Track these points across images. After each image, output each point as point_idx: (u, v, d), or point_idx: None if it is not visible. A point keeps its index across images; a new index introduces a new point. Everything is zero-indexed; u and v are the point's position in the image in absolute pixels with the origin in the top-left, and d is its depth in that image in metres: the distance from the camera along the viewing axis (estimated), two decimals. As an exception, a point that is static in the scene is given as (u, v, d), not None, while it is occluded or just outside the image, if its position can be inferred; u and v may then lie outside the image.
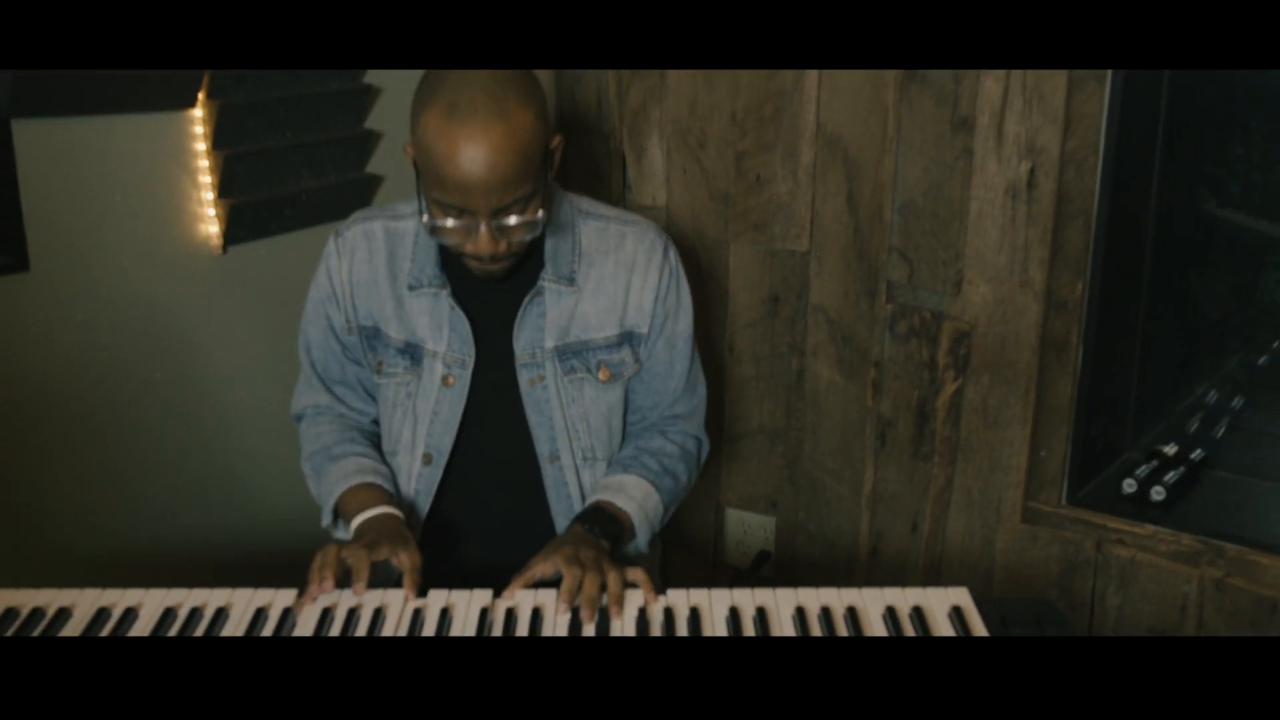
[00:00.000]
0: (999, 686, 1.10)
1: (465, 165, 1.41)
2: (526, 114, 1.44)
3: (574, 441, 1.68)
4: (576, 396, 1.67)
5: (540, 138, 1.47)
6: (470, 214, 1.45)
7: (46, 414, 1.88)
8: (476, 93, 1.42)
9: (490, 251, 1.48)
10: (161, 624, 1.34)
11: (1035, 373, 1.91)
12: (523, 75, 1.48)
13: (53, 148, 1.82)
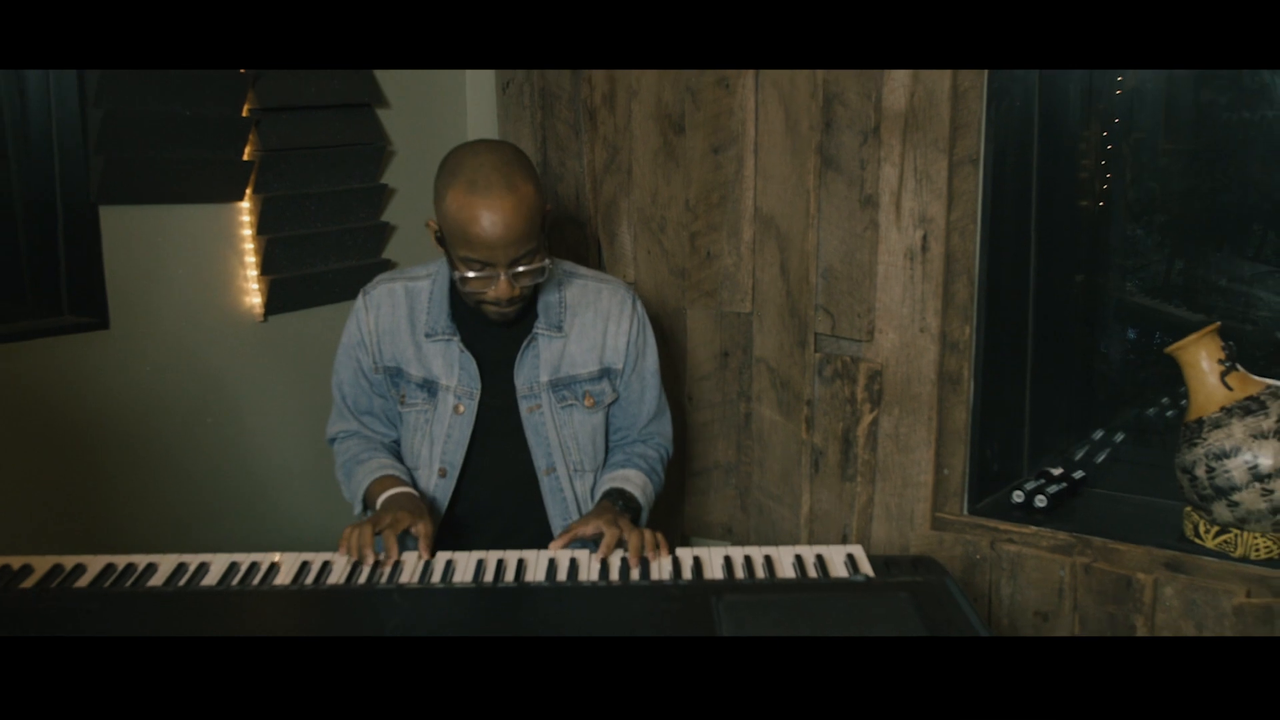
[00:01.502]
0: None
1: (487, 228, 1.78)
2: (529, 186, 1.83)
3: (566, 457, 2.04)
4: (567, 420, 2.04)
5: (540, 204, 1.85)
6: (491, 266, 1.84)
7: (117, 445, 2.24)
8: (490, 172, 1.80)
9: (509, 295, 1.86)
10: (227, 574, 1.69)
11: (935, 403, 2.27)
12: (521, 156, 1.86)
13: (130, 228, 2.23)
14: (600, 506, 1.91)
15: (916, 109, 2.18)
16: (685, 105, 2.46)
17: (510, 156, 1.85)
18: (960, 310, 2.25)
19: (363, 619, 1.56)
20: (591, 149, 2.62)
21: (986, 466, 2.36)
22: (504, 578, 1.69)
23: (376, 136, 2.63)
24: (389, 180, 2.68)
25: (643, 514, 2.00)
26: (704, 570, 1.72)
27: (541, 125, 2.70)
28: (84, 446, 2.19)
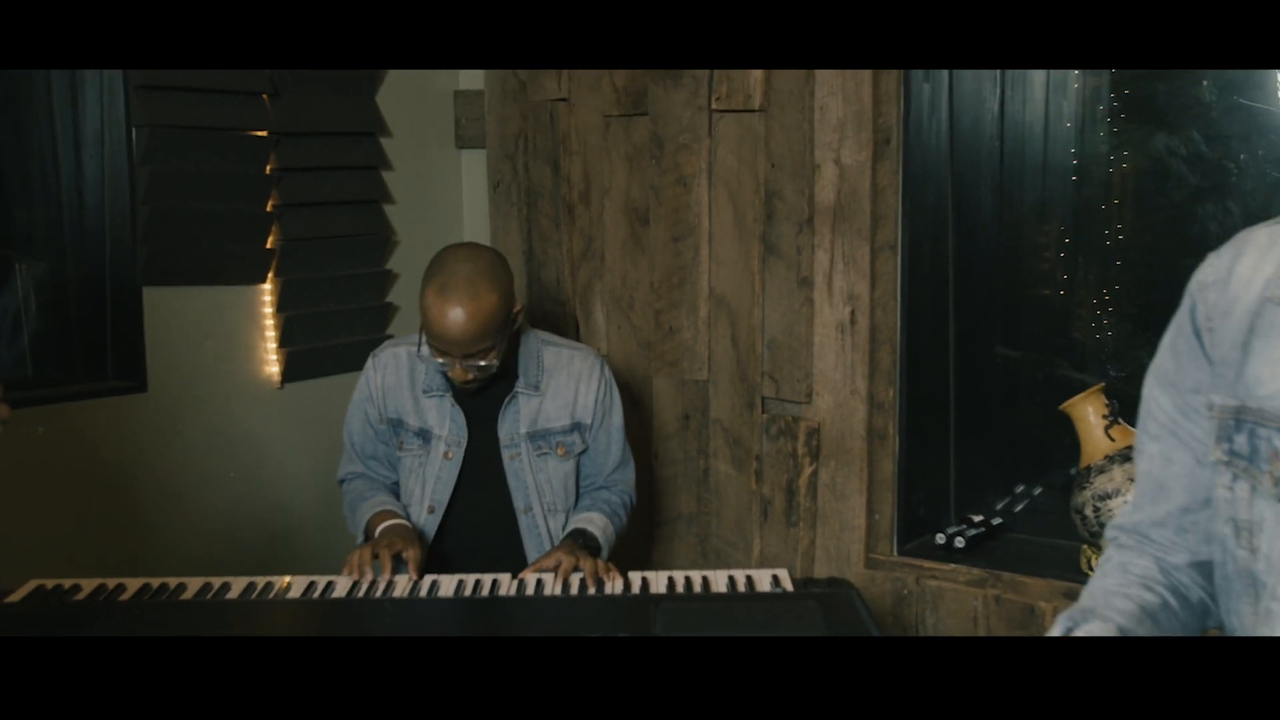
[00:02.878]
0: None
1: (448, 328, 2.07)
2: (493, 296, 2.10)
3: (542, 498, 2.32)
4: (543, 467, 2.33)
5: (502, 311, 2.12)
6: (449, 357, 2.15)
7: (153, 491, 2.53)
8: (459, 280, 2.08)
9: (463, 379, 2.16)
10: (246, 591, 1.97)
11: (866, 456, 2.55)
12: (495, 266, 2.15)
13: (168, 306, 2.54)
14: (562, 544, 2.18)
15: (843, 203, 2.50)
16: (649, 201, 2.78)
17: (483, 268, 2.12)
18: (885, 375, 2.54)
19: (359, 623, 1.83)
20: (570, 239, 2.95)
21: (914, 513, 2.63)
22: (480, 593, 1.97)
23: (382, 228, 2.97)
24: (392, 266, 3.00)
25: (603, 551, 2.26)
26: (649, 587, 1.99)
27: (527, 219, 3.03)
28: (125, 492, 2.49)
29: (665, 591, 1.97)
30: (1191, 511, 1.22)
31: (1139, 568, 1.25)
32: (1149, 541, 1.26)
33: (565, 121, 2.91)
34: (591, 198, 2.90)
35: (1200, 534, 1.22)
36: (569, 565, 2.04)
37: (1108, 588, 1.23)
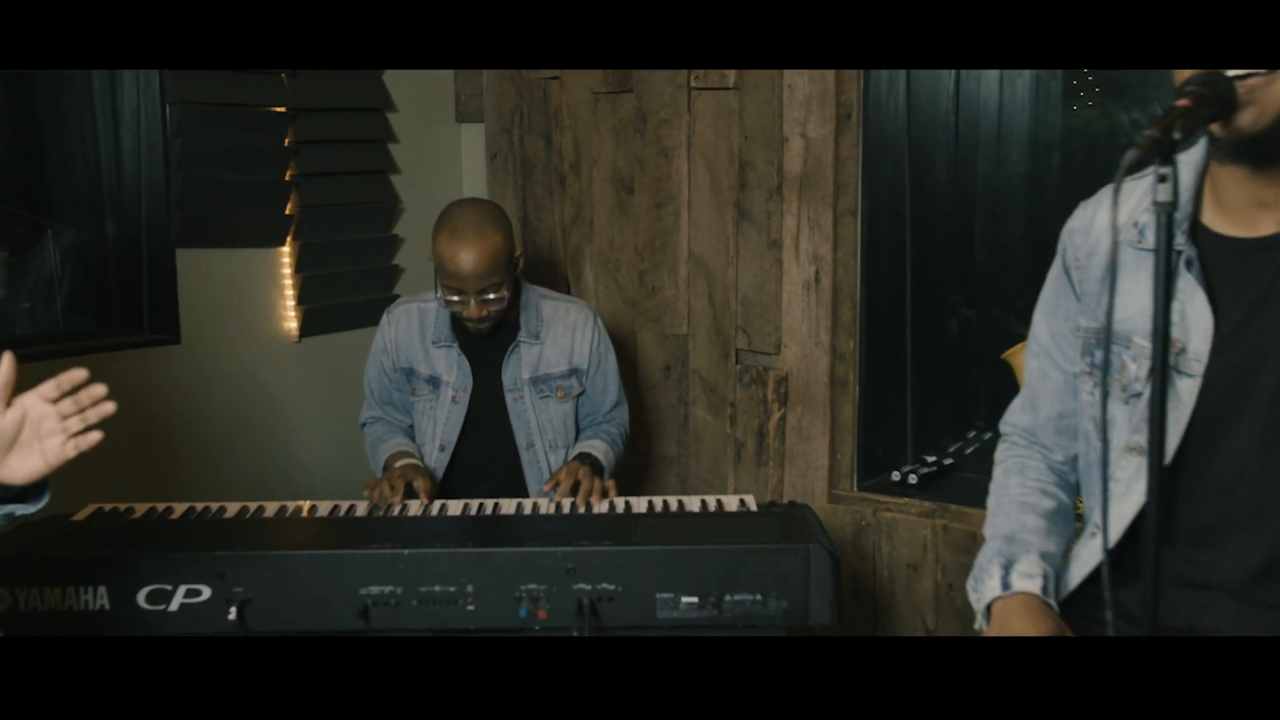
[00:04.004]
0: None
1: (461, 266, 2.37)
2: (498, 236, 2.42)
3: (543, 436, 2.61)
4: (544, 408, 2.61)
5: (506, 249, 2.44)
6: (464, 293, 2.44)
7: (185, 434, 2.82)
8: (468, 224, 2.40)
9: (477, 315, 2.44)
10: (279, 512, 2.26)
11: (829, 402, 2.84)
12: (498, 212, 2.46)
13: (199, 267, 2.81)
14: (570, 463, 2.47)
15: (808, 173, 2.78)
16: (634, 171, 3.06)
17: (487, 213, 2.45)
18: (846, 328, 2.83)
19: (379, 533, 2.12)
20: (561, 206, 3.23)
21: (872, 453, 2.92)
22: (484, 512, 2.27)
23: (389, 196, 3.24)
24: (399, 231, 3.28)
25: (605, 472, 2.55)
26: (632, 508, 2.29)
27: (522, 188, 3.30)
28: (160, 434, 2.77)
29: (646, 511, 2.27)
30: (1065, 416, 1.52)
31: (1034, 470, 1.55)
32: (1036, 442, 1.56)
33: (557, 98, 3.18)
34: (581, 168, 3.18)
35: (1071, 434, 1.52)
36: (571, 476, 2.34)
37: (1014, 498, 1.52)
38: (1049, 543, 1.48)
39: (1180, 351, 1.36)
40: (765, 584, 1.99)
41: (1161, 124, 1.09)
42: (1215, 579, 1.38)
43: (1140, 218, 1.41)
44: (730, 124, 2.88)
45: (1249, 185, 1.33)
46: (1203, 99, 1.16)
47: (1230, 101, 1.21)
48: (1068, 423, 1.53)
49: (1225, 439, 1.35)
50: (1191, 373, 1.35)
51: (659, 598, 1.99)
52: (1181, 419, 1.35)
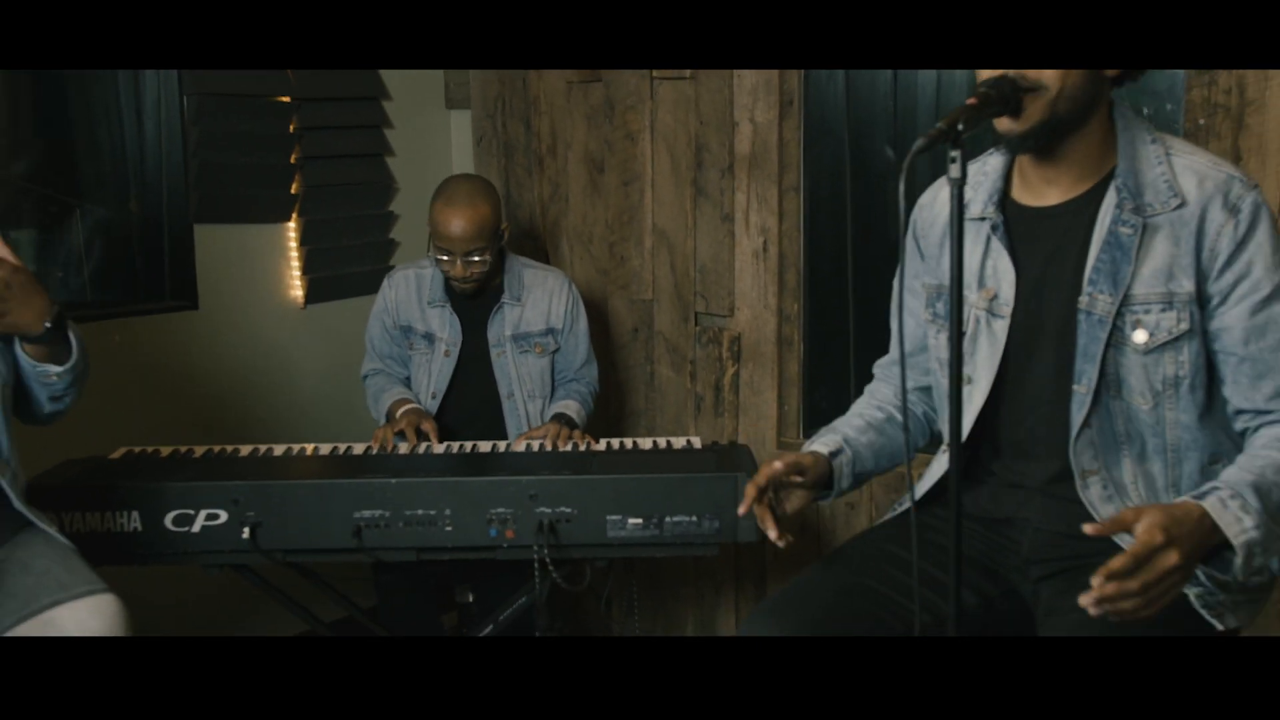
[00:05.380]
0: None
1: (451, 229, 2.72)
2: (485, 206, 2.76)
3: (523, 387, 2.95)
4: (524, 362, 2.96)
5: (493, 219, 2.78)
6: (452, 254, 2.78)
7: (201, 391, 3.17)
8: (459, 195, 2.75)
9: (463, 274, 2.78)
10: (287, 452, 2.61)
11: (776, 359, 3.17)
12: (488, 186, 2.82)
13: (215, 240, 3.16)
14: (550, 421, 2.81)
15: (756, 153, 3.11)
16: (604, 153, 3.39)
17: (479, 187, 2.81)
18: (791, 293, 3.16)
19: (370, 466, 2.47)
20: (540, 185, 3.57)
21: (816, 405, 3.25)
22: (464, 450, 2.62)
23: (385, 177, 3.58)
24: (394, 208, 3.62)
25: (579, 426, 2.89)
26: (592, 447, 2.64)
27: (505, 168, 3.64)
28: (182, 390, 3.12)
29: (604, 449, 2.62)
30: (915, 355, 1.86)
31: (881, 394, 1.89)
32: (892, 376, 1.90)
33: (535, 87, 3.52)
34: (557, 150, 3.51)
35: (921, 370, 1.86)
36: (554, 432, 2.69)
37: (854, 410, 1.87)
38: (859, 435, 1.82)
39: (993, 298, 1.69)
40: (700, 507, 2.33)
41: (949, 120, 1.42)
42: (1028, 480, 1.71)
43: (967, 194, 1.74)
44: (688, 111, 3.21)
45: (1038, 167, 1.66)
46: (989, 100, 1.49)
47: (1015, 101, 1.54)
48: (917, 359, 1.87)
49: (1030, 368, 1.69)
50: (1002, 315, 1.69)
51: (609, 519, 2.33)
52: (997, 353, 1.69)
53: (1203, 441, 1.63)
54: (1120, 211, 1.61)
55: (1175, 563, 1.36)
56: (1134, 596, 1.34)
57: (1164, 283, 1.59)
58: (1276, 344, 1.56)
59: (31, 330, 1.89)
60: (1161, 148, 1.63)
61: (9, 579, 1.79)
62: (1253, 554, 1.45)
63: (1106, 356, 1.61)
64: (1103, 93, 1.62)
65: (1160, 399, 1.62)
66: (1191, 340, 1.60)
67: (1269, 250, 1.56)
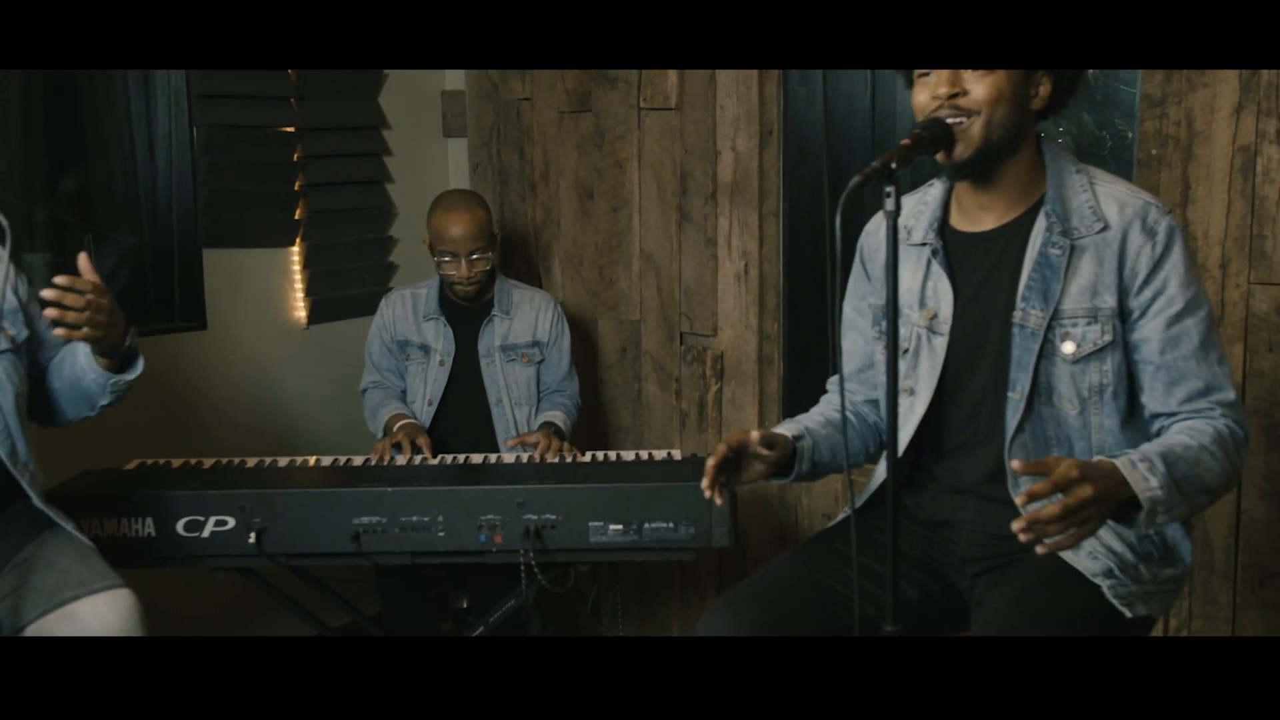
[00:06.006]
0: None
1: (453, 231, 2.92)
2: (481, 209, 2.98)
3: (510, 394, 3.12)
4: (511, 371, 3.13)
5: (488, 222, 3.00)
6: (455, 256, 2.96)
7: (210, 407, 3.34)
8: (457, 200, 2.99)
9: (466, 275, 2.97)
10: (290, 463, 2.77)
11: (757, 377, 3.33)
12: (478, 195, 3.06)
13: (222, 263, 3.33)
14: (539, 429, 2.98)
15: (738, 181, 3.28)
16: (594, 180, 3.56)
17: (471, 194, 3.08)
18: (771, 313, 3.32)
19: (369, 476, 2.63)
20: (533, 210, 3.74)
21: (795, 420, 3.42)
22: (456, 461, 2.78)
23: (385, 203, 3.75)
24: (394, 233, 3.79)
25: (566, 436, 3.06)
26: (578, 459, 2.80)
27: (500, 194, 3.82)
28: (191, 406, 3.29)
29: (589, 460, 2.78)
30: (865, 370, 2.02)
31: (835, 403, 2.05)
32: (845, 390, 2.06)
33: (528, 116, 3.69)
34: (549, 177, 3.68)
35: (870, 384, 2.02)
36: (546, 444, 2.85)
37: (814, 410, 2.03)
38: (820, 429, 1.95)
39: (933, 317, 1.86)
40: (676, 514, 2.48)
41: (884, 159, 1.58)
42: (965, 484, 1.87)
43: (909, 222, 1.91)
44: (673, 139, 3.38)
45: (974, 194, 1.83)
46: (921, 140, 1.66)
47: (948, 139, 1.71)
48: (867, 375, 2.04)
49: (968, 380, 1.85)
50: (942, 332, 1.85)
51: (591, 525, 2.49)
52: (937, 367, 1.85)
53: (1125, 444, 1.79)
54: (1050, 234, 1.77)
55: (1090, 494, 1.52)
56: (1056, 520, 1.50)
57: (1089, 299, 1.75)
58: (1188, 354, 1.73)
59: (118, 347, 2.06)
60: (1085, 177, 1.80)
61: (35, 575, 1.96)
62: (1156, 510, 1.62)
63: (1038, 366, 1.77)
64: (1029, 124, 1.78)
65: (1087, 405, 1.78)
66: (1114, 351, 1.76)
67: (1182, 269, 1.73)
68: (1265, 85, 2.40)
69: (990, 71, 1.72)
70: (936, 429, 1.88)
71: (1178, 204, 2.54)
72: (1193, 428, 1.72)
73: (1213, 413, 1.74)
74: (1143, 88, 2.60)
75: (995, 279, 1.82)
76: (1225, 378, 1.75)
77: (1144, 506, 1.61)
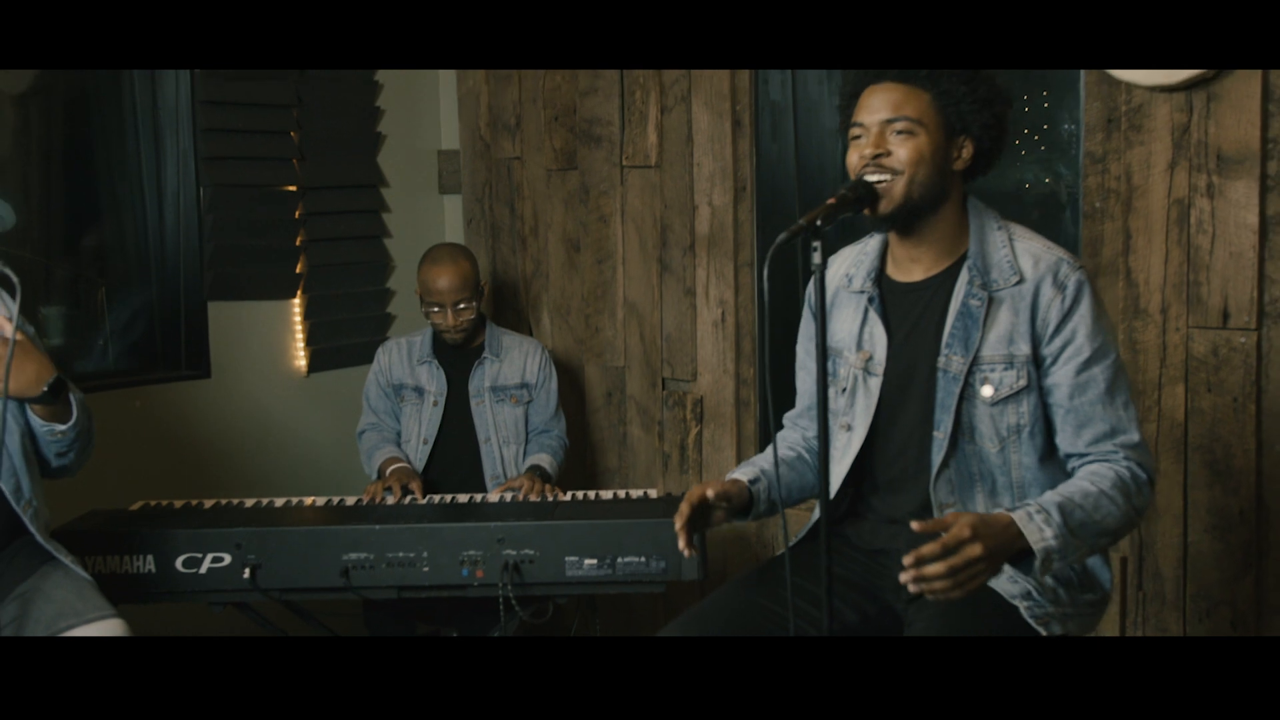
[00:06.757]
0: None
1: (439, 283, 3.09)
2: (467, 262, 3.14)
3: (499, 434, 3.27)
4: (500, 411, 3.29)
5: (474, 273, 3.16)
6: (442, 306, 3.13)
7: (213, 451, 3.50)
8: (444, 252, 3.16)
9: (452, 324, 3.14)
10: (285, 503, 2.93)
11: (735, 419, 3.48)
12: (465, 249, 3.23)
13: (226, 315, 3.50)
14: (525, 473, 3.13)
15: (715, 233, 3.45)
16: (580, 234, 3.74)
17: (458, 247, 3.26)
18: (747, 359, 3.48)
19: (368, 514, 2.78)
20: (523, 262, 3.92)
21: (773, 461, 3.56)
22: (446, 501, 2.93)
23: (383, 257, 3.94)
24: (391, 285, 3.96)
25: (552, 478, 3.22)
26: (559, 499, 2.95)
27: (492, 248, 4.00)
28: (194, 451, 3.45)
29: (570, 499, 2.93)
30: (814, 408, 2.17)
31: (790, 439, 2.20)
32: (798, 425, 2.21)
33: (519, 174, 3.88)
34: (539, 231, 3.86)
35: None
36: (529, 486, 3.00)
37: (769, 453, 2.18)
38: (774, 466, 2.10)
39: (869, 359, 2.01)
40: (647, 549, 2.62)
41: (810, 216, 1.75)
42: (899, 514, 2.01)
43: (849, 270, 2.07)
44: (653, 195, 3.56)
45: (904, 247, 1.99)
46: (845, 199, 1.83)
47: (871, 198, 1.87)
48: (815, 411, 2.19)
49: (899, 418, 2.00)
50: (876, 373, 2.00)
51: (567, 559, 2.63)
52: (871, 405, 2.01)
53: (1043, 479, 1.93)
54: (971, 287, 1.93)
55: (978, 554, 1.66)
56: (943, 578, 1.64)
57: (1006, 346, 1.91)
58: (1095, 399, 1.87)
59: (28, 393, 2.20)
60: (1006, 234, 1.96)
61: (33, 607, 2.12)
62: (1050, 558, 1.75)
63: (960, 408, 1.92)
64: (952, 184, 1.94)
65: (1006, 443, 1.92)
66: (1030, 394, 1.91)
67: (1090, 320, 1.88)
68: (1195, 143, 2.56)
69: (913, 135, 1.88)
70: (871, 463, 2.03)
71: (1120, 253, 2.69)
72: (1095, 472, 1.86)
73: (1116, 455, 1.88)
74: (1085, 145, 2.76)
75: (923, 326, 1.98)
76: (1131, 421, 1.89)
77: (1038, 556, 1.75)
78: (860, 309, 2.05)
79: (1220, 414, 2.57)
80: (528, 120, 3.82)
